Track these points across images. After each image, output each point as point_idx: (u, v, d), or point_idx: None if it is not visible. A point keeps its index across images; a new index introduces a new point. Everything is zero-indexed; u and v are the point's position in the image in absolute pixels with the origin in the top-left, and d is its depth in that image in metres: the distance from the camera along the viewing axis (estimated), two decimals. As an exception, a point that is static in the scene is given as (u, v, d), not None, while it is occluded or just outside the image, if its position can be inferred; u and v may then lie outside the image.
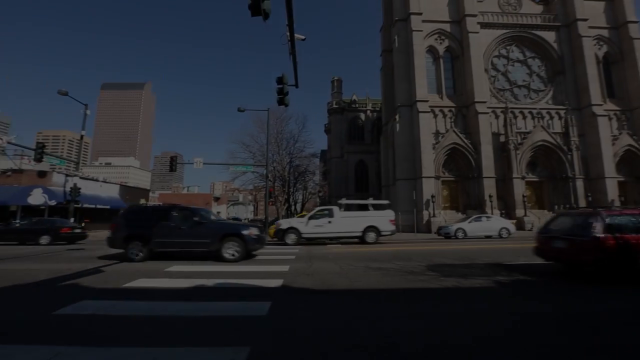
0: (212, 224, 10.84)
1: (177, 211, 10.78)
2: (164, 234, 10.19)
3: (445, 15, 36.44)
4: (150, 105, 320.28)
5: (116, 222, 10.90)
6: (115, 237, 10.45)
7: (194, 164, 24.71)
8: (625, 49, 36.77)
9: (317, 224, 16.30)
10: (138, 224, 10.50)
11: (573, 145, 33.26)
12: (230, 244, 10.08)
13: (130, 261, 9.85)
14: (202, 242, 10.21)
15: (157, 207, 11.63)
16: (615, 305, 5.04)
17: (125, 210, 11.50)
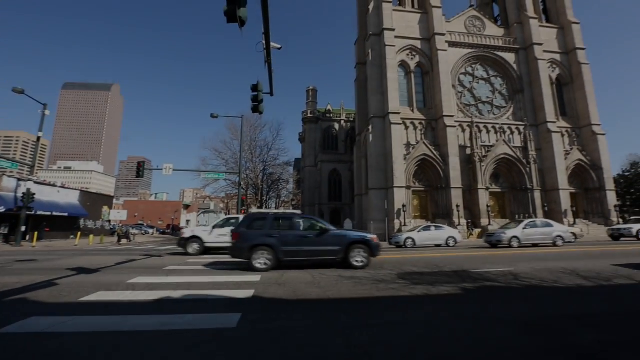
0: (337, 232, 10.67)
1: (303, 219, 10.73)
2: (291, 243, 9.99)
3: (416, 32, 38.21)
4: (117, 108, 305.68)
5: (239, 231, 10.29)
6: (239, 247, 9.99)
7: (163, 170, 23.76)
8: (574, 72, 40.33)
9: (221, 232, 15.70)
10: (264, 233, 10.05)
11: (531, 159, 35.66)
12: (357, 251, 10.21)
13: (256, 271, 9.49)
14: (330, 250, 10.14)
15: (282, 215, 11.02)
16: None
17: (248, 219, 10.88)
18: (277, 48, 10.13)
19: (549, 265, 10.31)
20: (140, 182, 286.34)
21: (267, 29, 8.36)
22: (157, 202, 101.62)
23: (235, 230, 10.46)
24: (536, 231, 19.29)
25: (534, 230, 19.27)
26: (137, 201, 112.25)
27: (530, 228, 19.48)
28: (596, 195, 37.53)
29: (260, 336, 4.04)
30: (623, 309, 5.31)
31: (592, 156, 37.79)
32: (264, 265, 9.73)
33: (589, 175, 37.72)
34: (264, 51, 9.43)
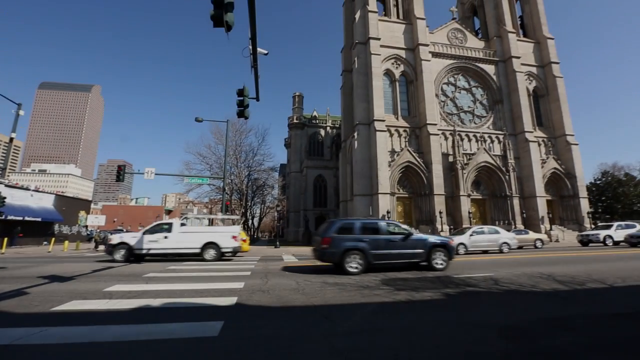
0: (419, 236, 11.48)
1: (387, 224, 11.40)
2: (380, 247, 10.55)
3: (401, 42, 39.10)
4: (97, 110, 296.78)
5: (331, 236, 10.62)
6: (332, 252, 10.42)
7: (144, 174, 23.12)
8: (549, 85, 42.21)
9: (151, 239, 15.26)
10: (354, 238, 10.55)
11: (510, 167, 36.86)
12: (438, 254, 11.04)
13: (347, 274, 9.94)
14: (415, 253, 10.89)
15: (368, 221, 11.64)
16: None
17: (336, 224, 11.12)
18: (264, 54, 10.15)
19: (527, 270, 10.62)
20: (121, 187, 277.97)
21: (254, 35, 8.38)
22: (138, 207, 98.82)
23: (327, 236, 10.71)
24: (483, 238, 19.86)
25: (481, 237, 19.87)
26: (117, 206, 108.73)
27: (477, 235, 20.15)
28: (570, 202, 39.12)
29: (243, 345, 3.97)
30: (596, 312, 5.53)
31: (566, 165, 39.46)
32: (355, 268, 10.19)
33: (563, 183, 39.32)
34: (250, 56, 9.43)
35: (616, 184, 54.54)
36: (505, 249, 19.40)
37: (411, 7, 40.11)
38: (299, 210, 59.82)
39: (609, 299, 6.63)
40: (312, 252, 11.96)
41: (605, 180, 56.49)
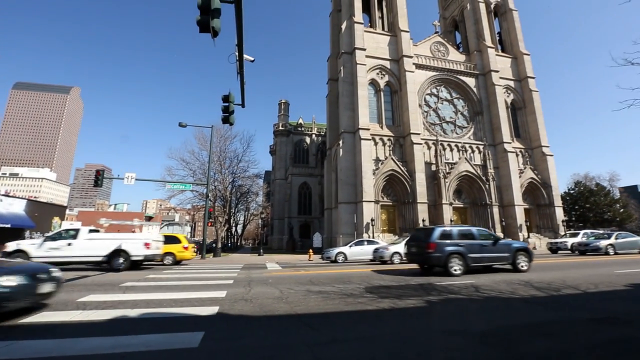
0: (505, 241, 13.10)
1: (479, 230, 12.78)
2: (475, 251, 11.82)
3: (386, 53, 39.99)
4: (76, 113, 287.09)
5: (435, 242, 11.78)
6: (437, 256, 11.57)
7: (124, 180, 22.46)
8: (526, 98, 44.07)
9: (53, 246, 14.21)
10: (454, 243, 11.76)
11: (490, 176, 37.98)
12: (521, 257, 12.27)
13: (451, 276, 11.05)
14: (503, 257, 12.24)
15: (463, 227, 12.96)
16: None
17: (437, 232, 12.25)
18: (250, 60, 10.17)
19: (506, 277, 10.89)
20: (99, 192, 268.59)
21: (241, 41, 8.38)
22: (117, 213, 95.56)
23: (432, 241, 11.87)
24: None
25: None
26: (94, 212, 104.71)
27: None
28: (546, 211, 40.60)
29: (224, 356, 3.88)
30: (572, 317, 5.72)
31: (542, 175, 41.04)
32: (458, 270, 11.34)
33: (540, 193, 40.82)
34: (237, 63, 9.42)
35: (588, 193, 57.06)
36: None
37: (396, 20, 41.22)
38: (283, 218, 59.43)
39: (583, 305, 6.87)
40: (408, 255, 13.93)
41: (578, 190, 59.02)
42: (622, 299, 7.46)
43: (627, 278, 10.24)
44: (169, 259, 18.06)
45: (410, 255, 13.43)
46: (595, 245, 21.57)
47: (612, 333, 4.82)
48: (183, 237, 19.52)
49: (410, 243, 13.62)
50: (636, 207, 75.33)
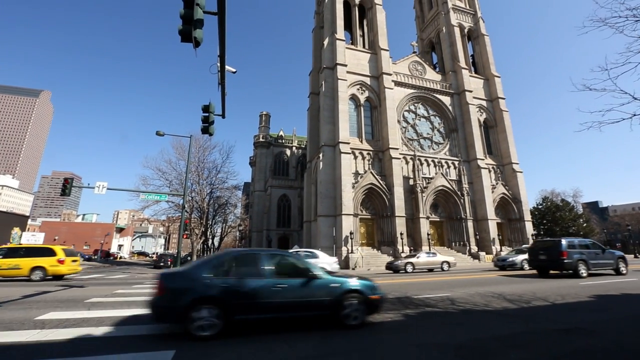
0: (609, 250, 16.06)
1: (592, 242, 16.06)
2: (592, 258, 15.11)
3: (366, 70, 41.18)
4: (45, 117, 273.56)
5: (566, 251, 14.75)
6: (569, 262, 14.54)
7: (95, 189, 21.39)
8: (497, 117, 46.45)
9: None
10: (578, 252, 14.99)
11: (465, 191, 39.30)
12: (621, 263, 15.63)
13: (580, 278, 14.01)
14: (609, 263, 15.47)
15: (582, 240, 16.26)
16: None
17: (563, 242, 15.27)
18: (232, 72, 10.15)
19: (480, 290, 11.16)
20: (66, 201, 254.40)
21: (223, 52, 8.37)
22: (85, 224, 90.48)
23: (564, 250, 14.77)
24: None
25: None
26: (59, 222, 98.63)
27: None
28: (517, 225, 42.33)
29: (196, 375, 3.70)
30: (542, 328, 5.91)
31: (513, 190, 42.96)
32: (584, 273, 14.55)
33: (511, 207, 42.60)
34: (218, 73, 9.37)
35: (554, 208, 60.09)
36: None
37: (376, 38, 42.73)
38: (261, 230, 58.51)
39: (552, 316, 7.14)
40: (533, 262, 16.57)
41: (545, 205, 62.04)
42: (587, 310, 7.82)
43: (591, 290, 10.78)
44: (38, 274, 15.65)
45: (537, 261, 16.17)
46: (511, 260, 21.14)
47: (579, 343, 5.02)
48: (59, 249, 16.96)
49: (537, 252, 16.35)
50: (597, 222, 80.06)
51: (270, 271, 6.01)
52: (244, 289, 5.55)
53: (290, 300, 5.80)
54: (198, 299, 5.27)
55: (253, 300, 5.53)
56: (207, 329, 5.16)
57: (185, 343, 4.99)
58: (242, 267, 6.03)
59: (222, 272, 5.81)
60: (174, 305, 5.26)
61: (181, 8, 6.60)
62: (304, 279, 6.08)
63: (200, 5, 6.53)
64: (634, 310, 7.89)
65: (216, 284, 5.50)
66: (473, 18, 51.69)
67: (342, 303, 6.03)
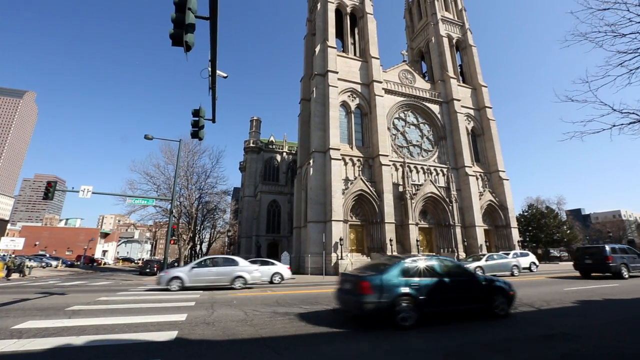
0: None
1: (629, 247, 18.35)
2: (631, 261, 17.16)
3: (357, 77, 41.63)
4: (28, 118, 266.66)
5: (610, 255, 16.73)
6: (614, 265, 16.51)
7: (80, 193, 20.87)
8: (484, 126, 47.46)
9: None
10: (621, 257, 16.99)
11: (453, 198, 39.82)
12: None
13: (622, 279, 15.92)
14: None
15: (622, 246, 18.26)
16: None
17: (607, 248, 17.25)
18: (223, 76, 10.14)
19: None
20: (49, 205, 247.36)
21: (214, 57, 8.36)
22: (67, 229, 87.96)
23: (609, 255, 16.69)
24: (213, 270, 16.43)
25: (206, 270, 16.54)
26: (41, 227, 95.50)
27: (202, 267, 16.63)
28: (504, 231, 43.03)
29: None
30: (528, 334, 6.00)
31: (500, 198, 43.75)
32: (626, 275, 16.51)
33: (498, 214, 43.33)
34: (209, 78, 9.35)
35: (539, 215, 61.44)
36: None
37: (367, 47, 43.33)
38: (251, 236, 57.90)
39: (538, 321, 7.26)
40: (579, 265, 18.59)
41: (531, 212, 63.38)
42: (571, 315, 7.98)
43: (575, 295, 11.00)
44: None
45: (582, 265, 18.31)
46: None
47: (563, 348, 5.11)
48: None
49: (583, 256, 18.60)
50: (580, 229, 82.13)
51: (443, 272, 7.55)
52: (429, 287, 7.06)
53: (460, 296, 7.43)
54: (400, 295, 6.72)
55: (436, 296, 7.05)
56: (407, 320, 6.58)
57: (171, 351, 4.86)
58: (424, 270, 7.40)
59: (411, 274, 7.21)
60: (382, 301, 6.62)
61: (173, 12, 6.59)
62: (467, 278, 7.81)
63: (192, 10, 6.54)
64: None
65: (410, 283, 6.97)
66: (461, 29, 53.02)
67: (492, 297, 7.69)
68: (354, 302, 6.90)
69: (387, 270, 7.21)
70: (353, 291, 7.08)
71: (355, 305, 6.85)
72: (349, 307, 7.28)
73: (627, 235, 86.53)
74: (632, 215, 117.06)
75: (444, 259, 8.27)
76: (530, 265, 25.68)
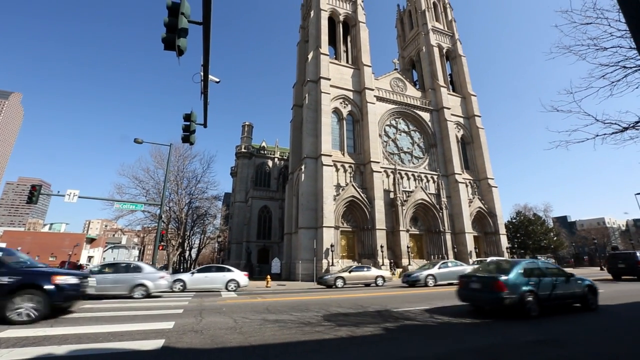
0: None
1: None
2: None
3: (349, 84, 42.03)
4: (14, 120, 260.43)
5: None
6: None
7: (65, 197, 20.38)
8: (474, 134, 48.31)
9: None
10: None
11: (443, 205, 40.23)
12: None
13: None
14: None
15: None
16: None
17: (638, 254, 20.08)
18: (216, 81, 10.11)
19: (459, 302, 11.32)
20: (32, 210, 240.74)
21: (207, 62, 8.34)
22: (52, 234, 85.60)
23: (639, 260, 19.56)
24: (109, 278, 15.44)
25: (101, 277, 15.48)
26: (23, 232, 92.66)
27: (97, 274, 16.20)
28: (492, 238, 43.60)
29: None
30: (518, 340, 6.05)
31: (489, 205, 44.40)
32: None
33: (487, 221, 43.92)
34: (201, 82, 9.31)
35: (527, 222, 62.51)
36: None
37: (359, 54, 43.89)
38: (241, 242, 57.31)
39: (526, 328, 7.32)
40: (612, 269, 21.24)
41: (519, 219, 64.46)
42: (559, 321, 8.08)
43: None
44: None
45: (615, 269, 20.96)
46: (415, 276, 20.10)
47: (551, 354, 5.17)
48: None
49: (616, 261, 21.23)
50: (566, 236, 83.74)
51: (551, 273, 9.35)
52: (544, 285, 8.77)
53: (564, 292, 9.14)
54: (526, 291, 8.36)
55: (549, 292, 8.77)
56: (533, 311, 8.28)
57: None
58: (537, 270, 9.15)
59: (529, 274, 8.88)
60: (514, 297, 8.21)
61: (165, 16, 6.58)
62: (567, 277, 9.40)
63: (185, 15, 6.53)
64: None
65: (530, 282, 8.61)
66: (451, 39, 54.19)
67: (586, 294, 9.47)
68: (490, 298, 8.58)
69: (510, 271, 8.78)
70: (487, 289, 8.67)
71: (491, 301, 8.55)
72: (482, 303, 9.24)
73: (611, 242, 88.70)
74: (615, 222, 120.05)
75: (547, 263, 10.58)
76: None
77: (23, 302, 7.60)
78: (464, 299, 9.50)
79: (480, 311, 9.34)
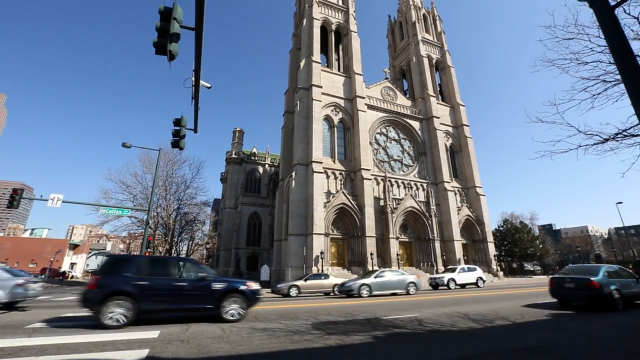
0: None
1: None
2: None
3: (340, 92, 42.43)
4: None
5: None
6: None
7: (49, 201, 19.82)
8: (462, 143, 49.22)
9: None
10: None
11: (432, 213, 40.63)
12: None
13: None
14: None
15: None
16: (461, 352, 5.95)
17: None
18: (207, 87, 10.07)
19: (447, 310, 11.38)
20: (13, 214, 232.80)
21: (198, 67, 8.31)
22: (33, 240, 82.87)
23: None
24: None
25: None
26: (3, 237, 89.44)
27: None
28: (481, 246, 44.15)
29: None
30: (506, 347, 6.09)
31: (477, 213, 45.05)
32: None
33: (475, 229, 44.50)
34: (192, 88, 9.26)
35: (514, 230, 63.63)
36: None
37: (351, 63, 44.46)
38: (230, 249, 56.54)
39: (514, 334, 7.40)
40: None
41: (506, 227, 65.57)
42: (546, 328, 8.18)
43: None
44: None
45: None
46: (348, 286, 19.32)
47: None
48: None
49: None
50: (552, 244, 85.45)
51: (626, 274, 12.05)
52: (623, 284, 11.28)
53: (637, 291, 11.73)
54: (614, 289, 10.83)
55: (629, 290, 11.39)
56: (620, 305, 10.76)
57: None
58: (614, 273, 11.53)
59: (612, 275, 11.31)
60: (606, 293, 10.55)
61: (157, 20, 6.55)
62: (637, 279, 11.93)
63: (178, 20, 6.51)
64: (586, 329, 8.37)
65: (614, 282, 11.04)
66: (440, 50, 55.46)
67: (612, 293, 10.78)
68: (586, 295, 10.85)
69: (597, 272, 10.96)
70: (583, 287, 10.92)
71: (587, 296, 10.87)
72: (577, 299, 11.62)
73: (594, 250, 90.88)
74: (598, 230, 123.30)
75: (621, 267, 12.35)
76: (477, 281, 25.66)
77: (230, 304, 9.25)
78: (558, 296, 12.03)
79: (567, 306, 11.76)
